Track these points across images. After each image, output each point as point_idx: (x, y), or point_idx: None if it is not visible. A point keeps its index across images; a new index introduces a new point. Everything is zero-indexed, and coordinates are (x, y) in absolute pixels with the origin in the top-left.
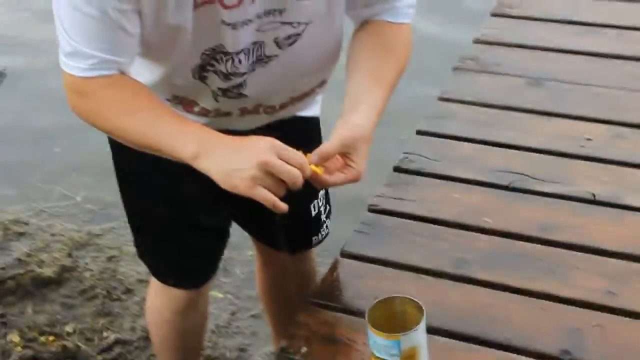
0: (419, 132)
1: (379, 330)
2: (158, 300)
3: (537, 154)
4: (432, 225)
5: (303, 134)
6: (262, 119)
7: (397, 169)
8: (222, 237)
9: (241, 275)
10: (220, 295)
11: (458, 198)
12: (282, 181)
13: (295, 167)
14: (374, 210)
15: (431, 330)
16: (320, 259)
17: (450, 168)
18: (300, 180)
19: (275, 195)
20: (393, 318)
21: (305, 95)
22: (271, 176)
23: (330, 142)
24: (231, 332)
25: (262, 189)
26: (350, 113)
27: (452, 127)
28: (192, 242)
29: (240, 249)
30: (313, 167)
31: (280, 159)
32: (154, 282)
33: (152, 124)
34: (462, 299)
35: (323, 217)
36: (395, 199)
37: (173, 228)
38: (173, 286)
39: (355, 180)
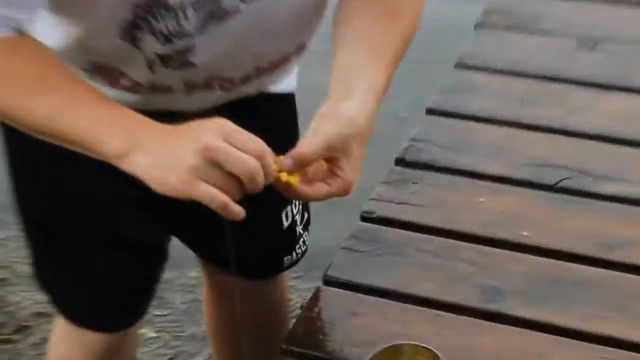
0: (430, 111)
1: None
2: (65, 347)
3: (593, 142)
4: (449, 241)
5: (272, 117)
6: (217, 97)
7: (399, 162)
8: (158, 258)
9: (181, 306)
10: (153, 335)
11: (484, 203)
12: (236, 177)
13: (252, 156)
14: (368, 218)
15: None
16: (295, 282)
17: (472, 160)
18: (260, 177)
19: (226, 194)
20: None
21: (276, 65)
22: (218, 168)
23: (311, 141)
24: None
25: (206, 184)
26: (340, 98)
27: (475, 104)
28: (116, 266)
29: (181, 268)
30: (284, 175)
31: (231, 144)
32: (60, 322)
33: (62, 108)
34: (495, 346)
35: (299, 228)
36: (397, 203)
37: (88, 246)
38: (87, 328)
39: (342, 194)
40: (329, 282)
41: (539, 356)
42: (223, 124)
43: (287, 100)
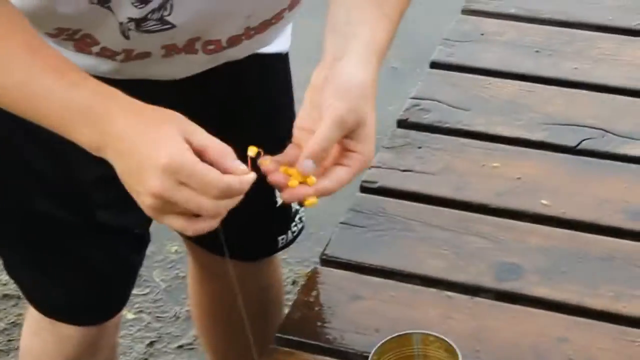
0: (435, 65)
1: None
2: (40, 341)
3: (619, 96)
4: (460, 213)
5: (264, 85)
6: (200, 62)
7: (402, 124)
8: (139, 244)
9: (162, 284)
10: (132, 316)
11: (498, 168)
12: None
13: (212, 195)
14: (369, 189)
15: None
16: (285, 255)
17: (484, 120)
18: (225, 210)
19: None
20: None
21: (267, 24)
22: (178, 205)
23: (324, 129)
24: None
25: (172, 217)
26: (338, 60)
27: (486, 55)
28: (94, 254)
29: (160, 242)
30: (294, 176)
31: (188, 184)
32: (32, 312)
33: (25, 90)
34: (511, 329)
35: (294, 204)
36: (401, 170)
37: (60, 232)
38: (62, 321)
39: (363, 169)
40: (327, 261)
41: (560, 340)
42: (171, 164)
43: (279, 62)
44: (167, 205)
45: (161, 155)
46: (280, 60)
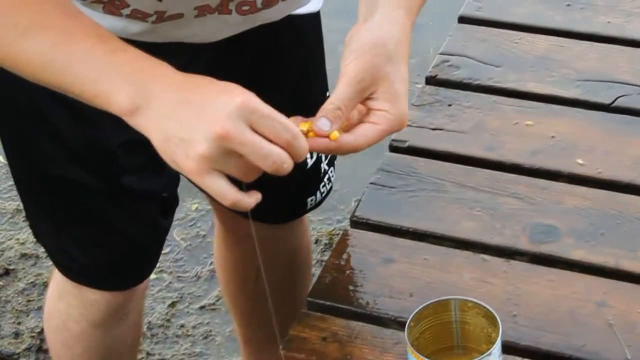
0: (463, 19)
1: (425, 355)
2: (64, 305)
3: None
4: (493, 173)
5: (298, 47)
6: (234, 23)
7: (430, 81)
8: (167, 208)
9: (182, 243)
10: (153, 276)
11: (531, 127)
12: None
13: (279, 144)
14: (399, 148)
15: (504, 349)
16: (313, 225)
17: (515, 76)
18: (288, 166)
19: (242, 180)
20: (447, 333)
21: None
22: (235, 157)
23: (340, 89)
24: (172, 334)
25: (217, 177)
26: (365, 19)
27: (515, 9)
28: (120, 219)
29: (180, 198)
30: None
31: (256, 130)
32: (57, 275)
33: (59, 53)
34: (549, 293)
35: (324, 164)
36: (431, 129)
37: (88, 197)
38: (88, 286)
39: (396, 129)
40: (357, 223)
41: (599, 305)
42: (247, 103)
43: (312, 22)
44: (222, 157)
45: (236, 96)
46: (313, 21)
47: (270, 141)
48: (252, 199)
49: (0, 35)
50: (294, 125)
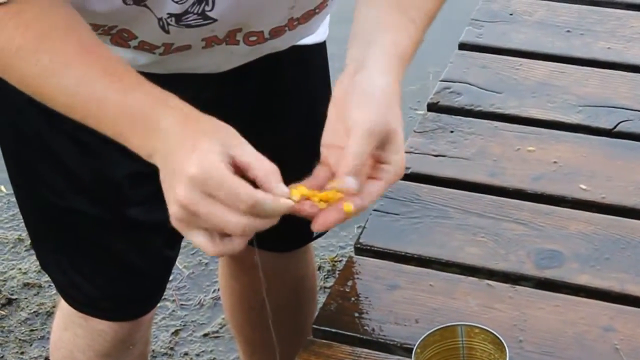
0: (463, 46)
1: None
2: (71, 335)
3: None
4: (497, 198)
5: (304, 77)
6: (241, 53)
7: (432, 107)
8: (173, 238)
9: (185, 271)
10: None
11: (533, 152)
12: None
13: (242, 209)
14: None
15: None
16: (315, 251)
17: (516, 102)
18: (252, 228)
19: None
20: (454, 359)
21: (311, 13)
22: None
23: (354, 144)
24: None
25: (196, 234)
26: (359, 67)
27: (516, 35)
28: (126, 250)
29: None
30: (326, 198)
31: (215, 197)
32: (64, 306)
33: (82, 91)
34: (554, 319)
35: None
36: (434, 155)
37: (94, 229)
38: (95, 317)
39: (398, 179)
40: (361, 250)
41: (605, 330)
42: (200, 174)
43: (318, 52)
44: (191, 218)
45: (192, 164)
46: (319, 51)
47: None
48: (235, 243)
49: (25, 69)
50: (250, 193)
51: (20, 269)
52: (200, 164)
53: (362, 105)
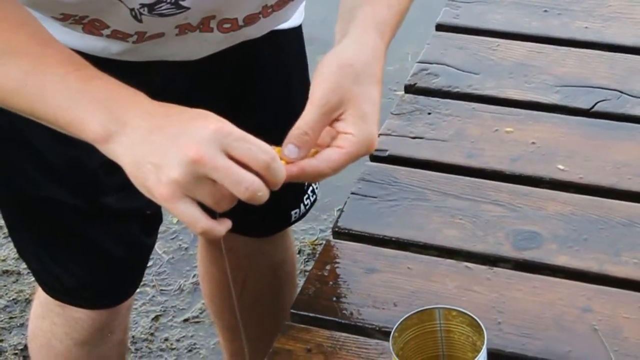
0: (440, 27)
1: None
2: (48, 324)
3: (634, 56)
4: (474, 180)
5: (280, 62)
6: (216, 41)
7: (409, 89)
8: (150, 225)
9: (164, 256)
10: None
11: (511, 133)
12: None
13: (256, 168)
14: (379, 157)
15: (490, 357)
16: (295, 235)
17: (494, 83)
18: (263, 194)
19: (215, 209)
20: (432, 342)
21: (286, 1)
22: (208, 184)
23: (307, 113)
24: (156, 348)
25: (188, 203)
26: (338, 41)
27: (493, 16)
28: (102, 237)
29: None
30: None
31: (231, 156)
32: (41, 294)
33: (30, 80)
34: (533, 300)
35: None
36: (411, 138)
37: (69, 217)
38: (72, 305)
39: (365, 152)
40: (339, 233)
41: (583, 310)
42: (222, 128)
43: (294, 37)
44: (194, 182)
45: (210, 121)
46: (294, 35)
47: (248, 168)
48: (222, 226)
49: None
50: (271, 148)
51: None
52: (221, 121)
53: (321, 76)
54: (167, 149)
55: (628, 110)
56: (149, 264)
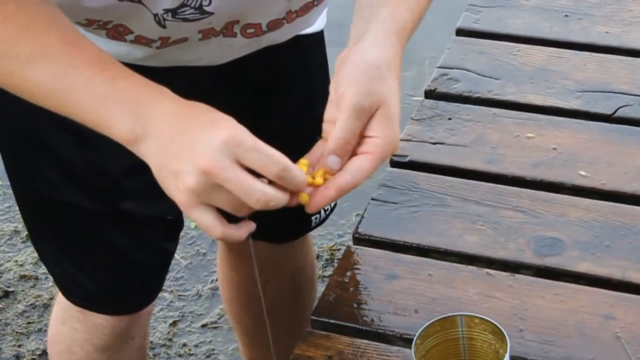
0: (461, 32)
1: None
2: (69, 329)
3: None
4: (495, 186)
5: (300, 65)
6: (239, 46)
7: (430, 95)
8: (172, 231)
9: (183, 262)
10: None
11: (532, 139)
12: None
13: (269, 177)
14: (399, 163)
15: None
16: (313, 240)
17: (514, 88)
18: (276, 202)
19: (234, 214)
20: (454, 350)
21: (310, 6)
22: (224, 191)
23: (342, 121)
24: (174, 354)
25: (204, 212)
26: (356, 42)
27: (513, 20)
28: (123, 243)
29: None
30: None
31: (244, 164)
32: (61, 299)
33: (62, 80)
34: (556, 307)
35: None
36: (432, 143)
37: (91, 222)
38: (93, 311)
39: (390, 154)
40: (360, 239)
41: (606, 317)
42: (232, 138)
43: (316, 42)
44: (208, 191)
45: (222, 130)
46: (317, 40)
47: (261, 176)
48: (242, 230)
49: (3, 65)
50: (283, 157)
51: (16, 261)
52: (233, 129)
53: (350, 80)
54: (183, 157)
55: None
56: None
